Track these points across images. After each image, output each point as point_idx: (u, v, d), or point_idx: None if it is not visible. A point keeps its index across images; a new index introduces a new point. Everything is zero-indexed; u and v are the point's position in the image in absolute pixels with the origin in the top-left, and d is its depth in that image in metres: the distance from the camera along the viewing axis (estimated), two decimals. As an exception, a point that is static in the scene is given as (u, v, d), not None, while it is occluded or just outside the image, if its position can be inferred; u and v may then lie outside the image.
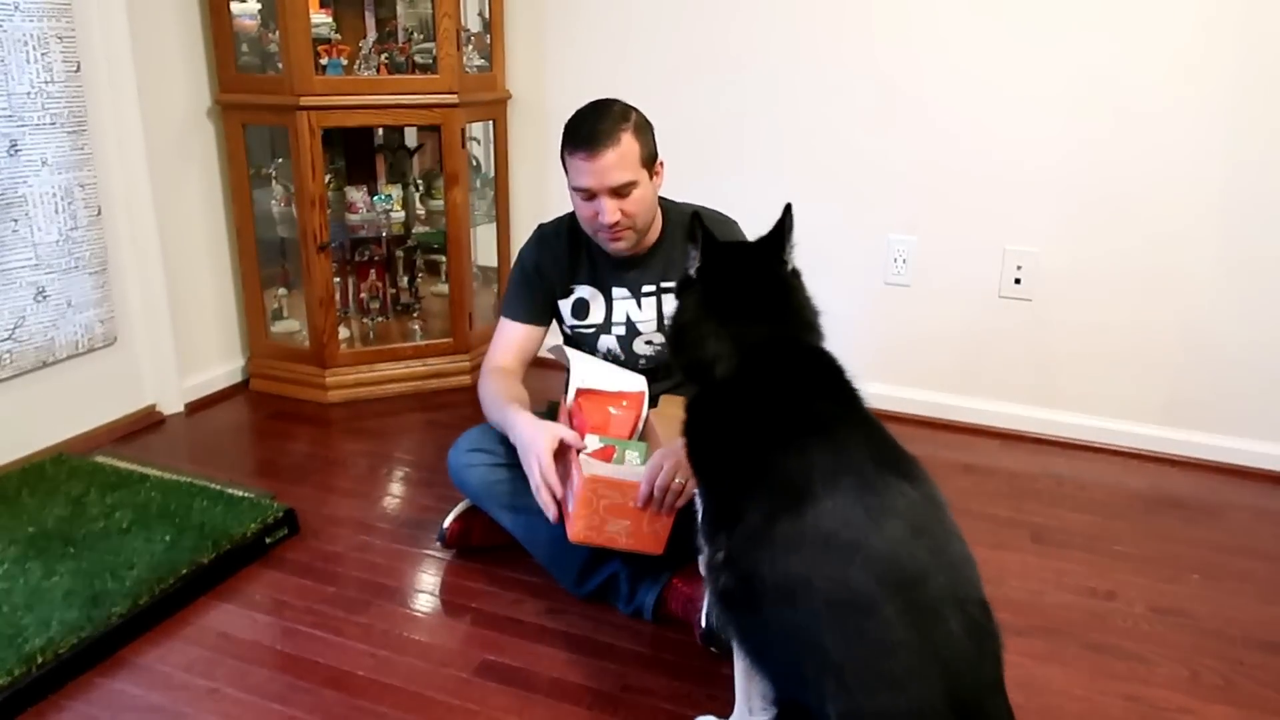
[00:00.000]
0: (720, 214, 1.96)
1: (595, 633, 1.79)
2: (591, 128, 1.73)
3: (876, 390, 2.86)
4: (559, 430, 1.66)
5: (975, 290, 2.70)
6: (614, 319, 1.95)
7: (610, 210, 1.75)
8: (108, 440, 2.59)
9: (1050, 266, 2.61)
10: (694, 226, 1.40)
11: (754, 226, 2.64)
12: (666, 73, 2.87)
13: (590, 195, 1.76)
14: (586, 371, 1.87)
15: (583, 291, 1.95)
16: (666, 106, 2.87)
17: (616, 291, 1.93)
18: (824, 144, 2.76)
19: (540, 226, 2.00)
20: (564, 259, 1.94)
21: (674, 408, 1.87)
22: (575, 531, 1.62)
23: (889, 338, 2.84)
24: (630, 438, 1.78)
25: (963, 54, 2.56)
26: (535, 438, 1.66)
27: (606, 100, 1.79)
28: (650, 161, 1.81)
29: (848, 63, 2.67)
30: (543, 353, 2.03)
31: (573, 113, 1.79)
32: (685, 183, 2.58)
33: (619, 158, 1.72)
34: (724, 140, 2.87)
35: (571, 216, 1.96)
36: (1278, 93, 2.31)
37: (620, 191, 1.75)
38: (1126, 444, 2.64)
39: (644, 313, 1.93)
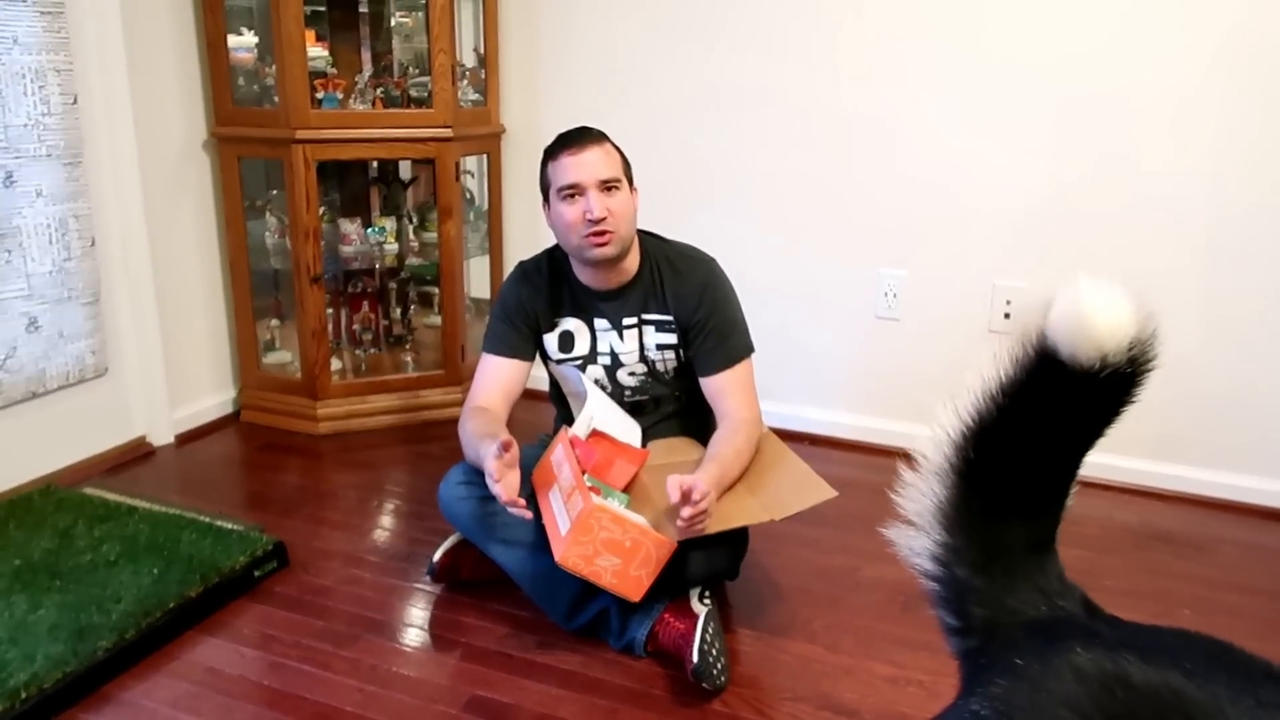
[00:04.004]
0: (700, 252, 1.98)
1: (585, 667, 1.78)
2: (576, 133, 1.84)
3: (867, 424, 2.89)
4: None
5: (965, 325, 2.72)
6: (599, 349, 1.96)
7: (598, 204, 1.78)
8: (97, 472, 2.58)
9: (1040, 302, 2.62)
10: None
11: (747, 261, 2.68)
12: (661, 108, 2.91)
13: (576, 194, 1.80)
14: (605, 413, 1.88)
15: (568, 324, 1.96)
16: (660, 141, 2.92)
17: (599, 323, 1.95)
18: (816, 178, 2.78)
19: (521, 263, 2.02)
20: (546, 293, 1.96)
21: (662, 458, 1.88)
22: (564, 554, 1.62)
23: (879, 372, 2.85)
24: (620, 491, 1.80)
25: (951, 92, 2.59)
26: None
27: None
28: (629, 176, 1.87)
29: (840, 99, 2.71)
30: (555, 375, 2.04)
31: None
32: (677, 216, 2.60)
33: (604, 154, 1.82)
34: (717, 173, 2.89)
35: (550, 253, 1.98)
36: (1263, 129, 2.35)
37: (607, 186, 1.80)
38: (1116, 479, 2.64)
39: (626, 344, 1.94)
